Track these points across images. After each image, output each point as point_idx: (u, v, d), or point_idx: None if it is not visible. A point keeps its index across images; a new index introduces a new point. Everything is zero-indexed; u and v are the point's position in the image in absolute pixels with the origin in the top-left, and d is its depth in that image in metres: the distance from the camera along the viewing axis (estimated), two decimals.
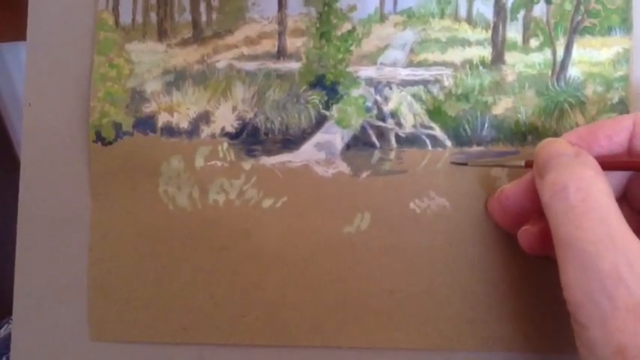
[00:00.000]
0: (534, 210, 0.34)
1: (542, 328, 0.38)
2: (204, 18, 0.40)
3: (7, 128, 0.96)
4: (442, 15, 0.39)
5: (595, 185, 0.29)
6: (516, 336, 0.38)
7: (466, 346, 0.38)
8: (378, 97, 0.39)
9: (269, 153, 0.39)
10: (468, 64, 0.39)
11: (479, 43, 0.39)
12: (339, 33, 0.39)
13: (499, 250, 0.38)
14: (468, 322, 0.38)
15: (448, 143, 0.38)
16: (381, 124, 0.39)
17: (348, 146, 0.39)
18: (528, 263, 0.38)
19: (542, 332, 0.38)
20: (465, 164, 0.38)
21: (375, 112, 0.39)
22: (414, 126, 0.39)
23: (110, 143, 0.39)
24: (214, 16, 0.40)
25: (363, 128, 0.39)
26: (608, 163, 0.32)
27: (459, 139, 0.38)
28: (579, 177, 0.29)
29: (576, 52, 0.38)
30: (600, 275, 0.27)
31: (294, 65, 0.39)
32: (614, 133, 0.32)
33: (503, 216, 0.37)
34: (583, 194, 0.29)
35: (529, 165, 0.34)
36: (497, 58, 0.39)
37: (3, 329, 0.59)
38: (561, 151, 0.31)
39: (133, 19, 0.40)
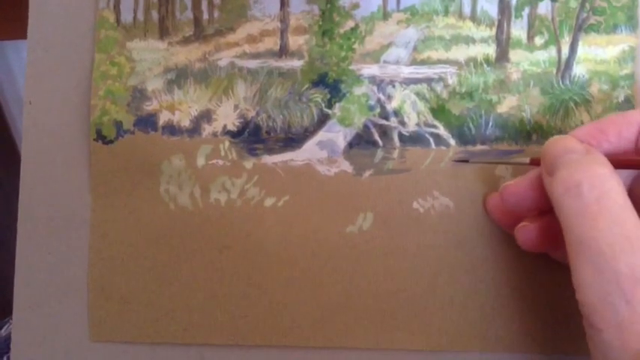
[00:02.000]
0: (537, 208, 0.33)
1: (546, 329, 0.38)
2: (205, 16, 0.39)
3: (10, 126, 0.96)
4: (446, 12, 0.38)
5: (609, 183, 0.28)
6: (520, 337, 0.38)
7: (469, 347, 0.38)
8: (381, 96, 0.38)
9: (271, 152, 0.39)
10: (472, 62, 0.38)
11: (483, 40, 0.38)
12: (341, 31, 0.39)
13: (503, 250, 0.38)
14: (471, 322, 0.38)
15: (452, 142, 0.38)
16: (384, 122, 0.38)
17: (350, 145, 0.38)
18: (532, 264, 0.37)
19: (545, 333, 0.38)
20: (467, 161, 0.38)
21: (378, 110, 0.39)
22: (418, 124, 0.38)
23: (111, 142, 0.39)
24: (216, 13, 0.39)
25: (365, 127, 0.38)
26: (618, 161, 0.31)
27: (463, 138, 0.38)
28: (593, 174, 0.29)
29: (581, 50, 0.38)
30: (617, 277, 0.26)
31: (296, 63, 0.39)
32: (623, 129, 0.32)
33: (503, 213, 0.36)
34: (597, 192, 0.28)
35: (533, 163, 0.34)
36: (502, 56, 0.38)
37: (3, 329, 0.59)
38: (571, 148, 0.31)
39: (134, 17, 0.40)
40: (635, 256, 0.26)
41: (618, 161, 0.31)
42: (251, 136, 0.39)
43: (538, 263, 0.37)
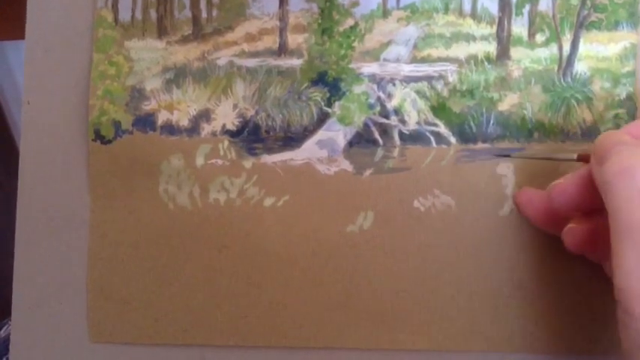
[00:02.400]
0: (585, 207, 0.33)
1: (549, 328, 0.37)
2: (204, 15, 0.39)
3: (10, 126, 0.96)
4: (446, 10, 0.38)
5: None
6: (522, 336, 0.38)
7: (471, 347, 0.38)
8: (381, 94, 0.38)
9: (270, 151, 0.39)
10: (473, 59, 0.38)
11: (484, 38, 0.38)
12: (341, 29, 0.39)
13: (504, 248, 0.38)
14: (472, 322, 0.38)
15: (453, 140, 0.38)
16: (384, 121, 0.38)
17: (350, 144, 0.38)
18: (535, 263, 0.37)
19: (548, 333, 0.37)
20: (508, 156, 0.37)
21: (378, 108, 0.38)
22: (418, 123, 0.38)
23: (110, 142, 0.39)
24: (214, 12, 0.39)
25: (365, 125, 0.38)
26: None
27: (464, 136, 0.38)
28: None
29: (583, 47, 0.38)
30: None
31: (295, 62, 0.39)
32: None
33: (543, 212, 0.36)
34: None
35: (581, 159, 0.33)
36: (503, 54, 0.38)
37: (3, 330, 0.59)
38: (623, 140, 0.30)
39: (133, 17, 0.39)
40: None
41: None
42: (250, 136, 0.39)
43: (540, 263, 0.37)
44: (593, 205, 0.31)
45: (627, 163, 0.28)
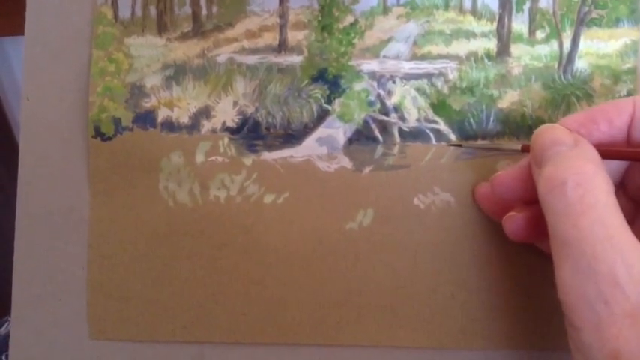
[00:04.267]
0: (526, 197, 0.33)
1: (548, 326, 0.37)
2: (204, 11, 0.39)
3: (10, 123, 0.96)
4: (446, 7, 0.38)
5: (594, 181, 0.28)
6: (522, 334, 0.38)
7: (471, 344, 0.38)
8: (381, 91, 0.38)
9: (270, 148, 0.39)
10: (473, 56, 0.38)
11: (484, 35, 0.38)
12: (341, 26, 0.38)
13: (505, 246, 0.37)
14: (473, 319, 0.38)
15: (453, 137, 0.38)
16: (384, 118, 0.38)
17: (350, 141, 0.38)
18: (534, 260, 0.37)
19: (548, 330, 0.37)
20: (460, 145, 0.37)
21: (378, 106, 0.38)
22: (418, 120, 0.38)
23: (109, 139, 0.39)
24: (214, 9, 0.39)
25: (365, 122, 0.38)
26: (607, 152, 0.30)
27: (464, 133, 0.38)
28: (578, 171, 0.28)
29: (583, 44, 0.38)
30: (596, 278, 0.26)
31: (295, 59, 0.39)
32: (615, 118, 0.31)
33: (493, 203, 0.36)
34: (581, 191, 0.27)
35: (525, 149, 0.33)
36: (503, 51, 0.38)
37: (2, 328, 0.59)
38: (559, 139, 0.30)
39: (132, 13, 0.39)
40: (615, 257, 0.26)
41: (608, 152, 0.31)
42: (250, 133, 0.39)
43: (540, 260, 0.37)
44: (533, 195, 0.31)
45: (559, 179, 0.28)
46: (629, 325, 0.25)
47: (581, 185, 0.28)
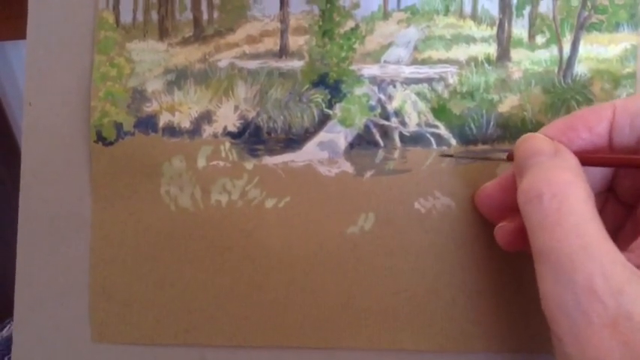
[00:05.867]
0: (511, 208, 0.33)
1: (549, 329, 0.37)
2: (205, 16, 0.39)
3: (12, 127, 0.96)
4: (446, 12, 0.38)
5: (571, 190, 0.28)
6: (523, 337, 0.38)
7: (472, 348, 0.38)
8: (382, 96, 0.38)
9: (272, 152, 0.39)
10: (473, 61, 0.38)
11: (484, 40, 0.38)
12: (342, 31, 0.39)
13: (505, 250, 0.38)
14: (474, 323, 0.38)
15: (453, 142, 0.38)
16: (385, 122, 0.38)
17: (351, 145, 0.38)
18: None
19: (548, 334, 0.37)
20: (451, 156, 0.37)
21: (378, 110, 0.38)
22: (419, 124, 0.38)
23: (111, 143, 0.39)
24: (216, 14, 0.39)
25: (366, 127, 0.38)
26: (588, 159, 0.30)
27: (464, 138, 0.38)
28: (555, 182, 0.28)
29: (583, 48, 0.38)
30: (574, 289, 0.26)
31: (296, 64, 0.39)
32: (595, 125, 0.31)
33: (488, 212, 0.36)
34: (557, 202, 0.27)
35: (511, 158, 0.33)
36: (503, 55, 0.38)
37: (4, 330, 0.59)
38: (539, 149, 0.30)
39: (134, 18, 0.40)
40: (592, 267, 0.26)
41: (589, 159, 0.30)
42: (251, 137, 0.39)
43: None
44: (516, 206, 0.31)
45: (536, 190, 0.28)
46: (609, 335, 0.25)
47: (557, 196, 0.27)
